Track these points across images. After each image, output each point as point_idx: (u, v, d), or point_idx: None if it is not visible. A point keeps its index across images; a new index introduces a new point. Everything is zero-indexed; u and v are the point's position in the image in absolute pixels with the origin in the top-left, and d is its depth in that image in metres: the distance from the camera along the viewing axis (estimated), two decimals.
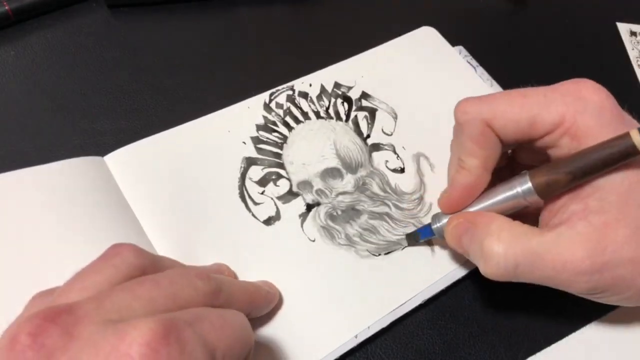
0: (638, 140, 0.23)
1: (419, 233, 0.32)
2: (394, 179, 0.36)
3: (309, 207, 0.34)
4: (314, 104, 0.38)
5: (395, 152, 0.37)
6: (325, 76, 0.40)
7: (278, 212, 0.33)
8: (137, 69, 0.39)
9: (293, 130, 0.37)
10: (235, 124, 0.36)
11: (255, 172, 0.35)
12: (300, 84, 0.39)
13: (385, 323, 0.30)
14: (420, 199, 0.35)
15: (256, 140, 0.36)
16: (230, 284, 0.24)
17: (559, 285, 0.26)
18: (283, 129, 0.37)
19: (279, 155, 0.36)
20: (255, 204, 0.33)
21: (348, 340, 0.29)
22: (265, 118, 0.37)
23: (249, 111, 0.37)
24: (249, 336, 0.22)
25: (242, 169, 0.35)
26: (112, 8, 0.42)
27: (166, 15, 0.42)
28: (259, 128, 0.37)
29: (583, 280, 0.24)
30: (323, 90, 0.39)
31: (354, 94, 0.39)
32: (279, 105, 0.38)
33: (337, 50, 0.41)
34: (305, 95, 0.39)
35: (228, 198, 0.33)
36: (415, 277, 0.32)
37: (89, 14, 0.41)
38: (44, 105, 0.37)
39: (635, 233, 0.24)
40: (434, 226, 0.31)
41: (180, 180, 0.33)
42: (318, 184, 0.35)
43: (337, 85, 0.40)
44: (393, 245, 0.33)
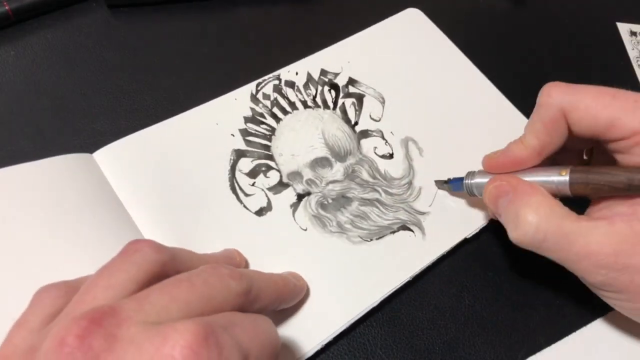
0: None
1: (451, 184, 0.34)
2: (383, 165, 0.36)
3: (300, 197, 0.34)
4: (301, 93, 0.39)
5: (383, 138, 0.37)
6: (312, 63, 0.40)
7: (269, 203, 0.34)
8: (137, 69, 0.39)
9: (281, 122, 0.37)
10: (223, 117, 0.36)
11: (245, 164, 0.35)
12: (286, 73, 0.39)
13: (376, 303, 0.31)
14: (410, 183, 0.36)
15: (244, 133, 0.36)
16: (259, 280, 0.25)
17: (575, 271, 0.27)
18: (271, 121, 0.37)
19: (267, 147, 0.36)
20: (246, 195, 0.34)
21: (344, 326, 0.30)
22: (252, 110, 0.37)
23: (236, 103, 0.37)
24: (278, 341, 0.23)
25: (232, 161, 0.35)
26: (112, 8, 0.42)
27: (166, 15, 0.42)
28: (247, 120, 0.37)
29: (602, 273, 0.25)
30: (310, 78, 0.39)
31: (341, 81, 0.39)
32: (266, 96, 0.38)
33: None
34: (292, 84, 0.39)
35: (219, 190, 0.33)
36: (408, 260, 0.32)
37: (89, 14, 0.41)
38: (44, 105, 0.37)
39: None
40: (466, 181, 0.32)
41: (171, 173, 0.33)
42: (308, 174, 0.35)
43: (324, 72, 0.40)
44: (384, 230, 0.33)
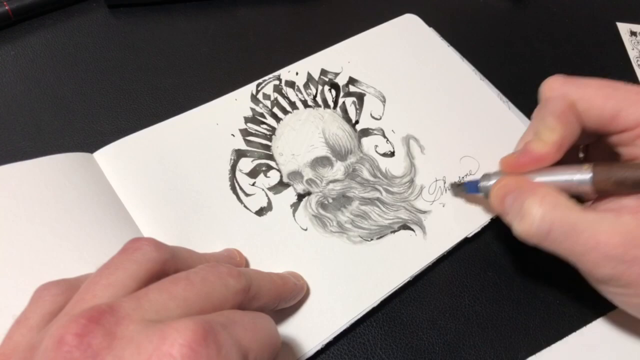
0: None
1: (466, 186, 0.33)
2: (384, 163, 0.36)
3: (300, 197, 0.34)
4: (301, 92, 0.38)
5: (384, 136, 0.37)
6: (312, 64, 0.40)
7: (270, 203, 0.34)
8: (137, 69, 0.39)
9: (281, 122, 0.37)
10: (224, 117, 0.36)
11: (245, 164, 0.35)
12: (286, 73, 0.39)
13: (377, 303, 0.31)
14: (411, 181, 0.35)
15: (245, 133, 0.36)
16: (258, 278, 0.25)
17: (583, 263, 0.26)
18: (271, 121, 0.37)
19: (268, 147, 0.36)
20: (247, 195, 0.34)
21: (344, 326, 0.30)
22: (253, 110, 0.37)
23: (236, 103, 0.37)
24: (278, 339, 0.23)
25: (232, 161, 0.35)
26: (112, 8, 0.42)
27: (166, 15, 0.42)
28: (247, 120, 0.37)
29: (610, 265, 0.25)
30: (310, 78, 0.39)
31: (341, 80, 0.39)
32: (266, 96, 0.38)
33: None
34: (292, 84, 0.39)
35: (219, 190, 0.33)
36: (408, 260, 0.32)
37: (89, 14, 0.41)
38: (44, 105, 0.37)
39: None
40: (482, 184, 0.32)
41: (171, 173, 0.33)
42: (308, 174, 0.35)
43: (324, 72, 0.40)
44: (385, 230, 0.33)
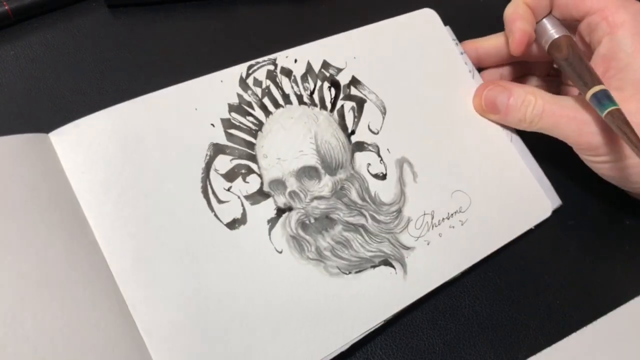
0: None
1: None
2: (374, 186, 0.33)
3: (280, 212, 0.31)
4: (298, 84, 0.34)
5: (379, 155, 0.34)
6: (313, 52, 0.35)
7: (244, 215, 0.30)
8: (137, 69, 0.39)
9: (271, 116, 0.33)
10: (205, 101, 0.31)
11: (223, 163, 0.31)
12: (284, 59, 0.34)
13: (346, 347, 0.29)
14: (399, 211, 0.33)
15: (227, 124, 0.31)
16: None
17: (566, 132, 0.32)
18: (259, 114, 0.32)
19: (252, 146, 0.32)
20: (219, 202, 0.30)
21: None
22: (240, 97, 0.32)
23: (221, 86, 0.32)
24: None
25: (208, 158, 0.30)
26: (112, 8, 0.42)
27: (166, 15, 0.42)
28: (232, 109, 0.32)
29: (590, 130, 0.31)
30: (309, 69, 0.35)
31: (343, 79, 0.35)
32: (257, 83, 0.33)
33: None
34: (288, 73, 0.34)
35: (189, 192, 0.29)
36: (384, 302, 0.30)
37: (89, 14, 0.41)
38: (44, 105, 0.37)
39: None
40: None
41: (136, 166, 0.29)
42: (292, 185, 0.31)
43: (326, 65, 0.35)
44: (365, 263, 0.31)
